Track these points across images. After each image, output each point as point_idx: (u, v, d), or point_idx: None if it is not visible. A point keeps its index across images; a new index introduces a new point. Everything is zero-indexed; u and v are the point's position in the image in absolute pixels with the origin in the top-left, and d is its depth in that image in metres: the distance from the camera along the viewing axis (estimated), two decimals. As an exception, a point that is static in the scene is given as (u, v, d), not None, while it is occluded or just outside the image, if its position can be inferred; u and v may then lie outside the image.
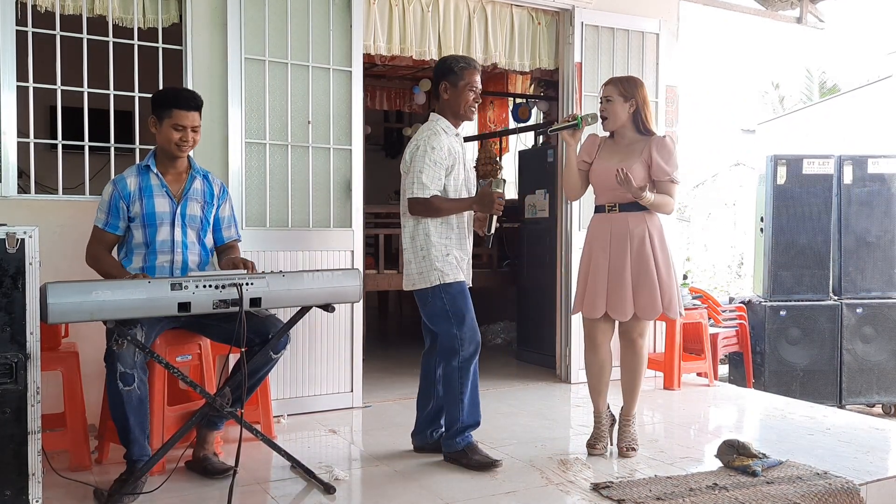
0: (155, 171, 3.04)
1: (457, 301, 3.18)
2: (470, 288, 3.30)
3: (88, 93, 3.63)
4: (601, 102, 3.34)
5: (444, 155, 3.17)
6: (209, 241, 3.18)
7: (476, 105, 3.30)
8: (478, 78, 3.27)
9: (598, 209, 3.38)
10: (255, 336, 2.90)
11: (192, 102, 3.05)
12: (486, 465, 3.13)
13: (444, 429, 3.28)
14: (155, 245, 3.00)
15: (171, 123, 2.99)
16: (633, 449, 3.34)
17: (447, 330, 3.19)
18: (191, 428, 2.90)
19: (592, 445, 3.38)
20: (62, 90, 3.57)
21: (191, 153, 3.16)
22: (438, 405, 3.32)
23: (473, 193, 3.33)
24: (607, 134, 3.40)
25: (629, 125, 3.31)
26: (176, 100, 3.03)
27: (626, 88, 3.27)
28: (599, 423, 3.41)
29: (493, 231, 3.23)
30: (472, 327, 3.21)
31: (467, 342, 3.18)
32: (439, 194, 3.17)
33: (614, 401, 3.43)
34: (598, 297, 3.28)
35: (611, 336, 3.38)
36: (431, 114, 3.31)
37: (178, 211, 3.04)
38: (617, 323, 3.35)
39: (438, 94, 3.28)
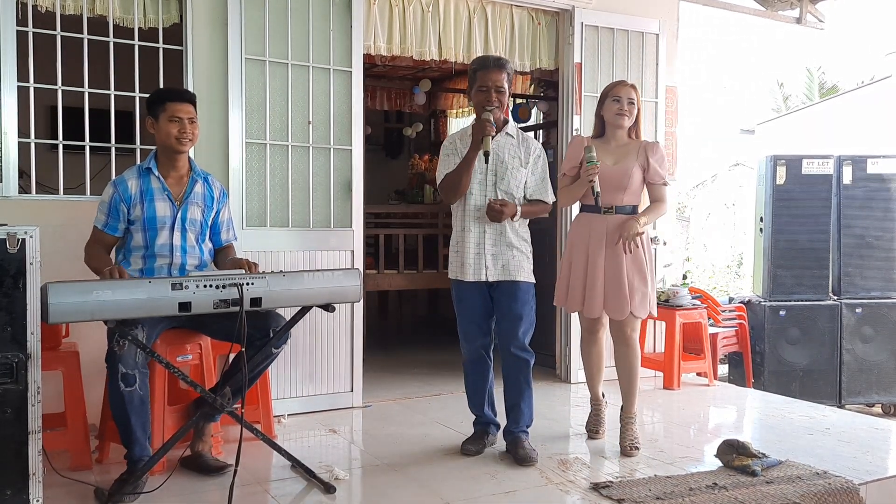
0: (156, 173, 3.04)
1: (457, 302, 3.34)
2: (491, 283, 3.24)
3: (89, 93, 3.63)
4: (623, 103, 3.33)
5: (451, 150, 3.30)
6: (207, 244, 3.18)
7: (497, 104, 3.18)
8: (493, 76, 3.17)
9: (592, 209, 3.37)
10: (255, 331, 2.90)
11: (185, 95, 3.11)
12: (468, 451, 3.31)
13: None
14: (154, 248, 3.00)
15: (167, 117, 3.00)
16: (637, 448, 3.36)
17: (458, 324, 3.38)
18: (191, 428, 2.91)
19: (595, 430, 3.57)
20: (63, 90, 3.57)
21: (192, 155, 3.16)
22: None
23: (501, 183, 3.26)
24: (586, 135, 3.43)
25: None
26: (168, 93, 3.12)
27: (638, 93, 3.40)
28: (599, 409, 3.60)
29: (489, 149, 3.10)
30: (464, 333, 3.32)
31: (463, 344, 3.35)
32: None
33: (613, 399, 3.44)
34: (597, 296, 3.34)
35: (605, 325, 3.50)
36: None
37: (179, 215, 3.04)
38: (608, 320, 3.44)
39: None
